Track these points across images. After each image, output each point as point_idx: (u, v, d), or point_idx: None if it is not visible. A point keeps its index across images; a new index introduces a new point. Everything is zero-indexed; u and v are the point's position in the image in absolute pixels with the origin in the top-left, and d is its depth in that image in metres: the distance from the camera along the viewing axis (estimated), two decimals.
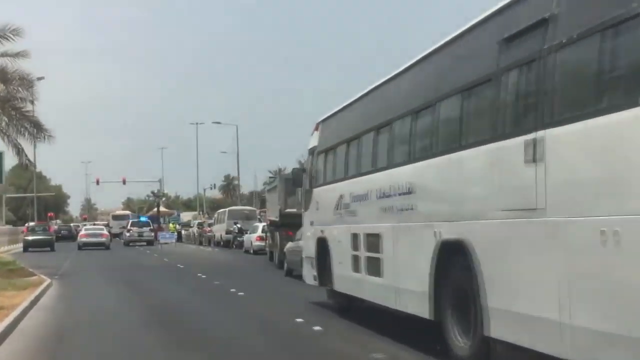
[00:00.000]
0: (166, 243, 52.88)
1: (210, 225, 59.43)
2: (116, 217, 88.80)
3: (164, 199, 65.92)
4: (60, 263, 34.37)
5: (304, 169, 17.07)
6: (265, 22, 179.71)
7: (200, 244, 58.44)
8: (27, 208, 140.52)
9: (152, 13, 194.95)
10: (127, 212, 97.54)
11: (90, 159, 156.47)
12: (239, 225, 49.91)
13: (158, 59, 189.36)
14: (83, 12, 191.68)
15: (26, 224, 64.43)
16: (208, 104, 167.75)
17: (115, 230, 75.59)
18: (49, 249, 49.37)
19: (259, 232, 40.36)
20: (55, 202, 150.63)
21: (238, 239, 49.41)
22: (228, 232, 51.52)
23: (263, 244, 38.89)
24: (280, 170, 70.29)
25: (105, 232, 55.60)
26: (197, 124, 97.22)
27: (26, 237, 50.95)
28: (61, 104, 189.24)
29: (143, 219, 68.31)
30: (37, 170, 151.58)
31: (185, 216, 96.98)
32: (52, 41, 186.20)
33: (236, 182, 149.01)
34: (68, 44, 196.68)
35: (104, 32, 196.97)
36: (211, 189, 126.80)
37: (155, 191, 65.82)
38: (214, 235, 55.10)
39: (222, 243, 52.24)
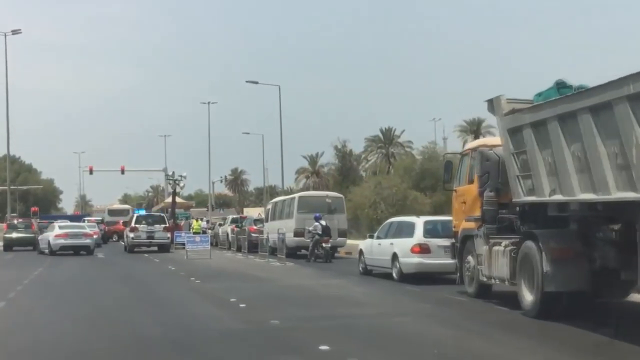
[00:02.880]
0: (184, 249, 30.66)
1: (257, 222, 36.66)
2: (113, 212, 66.15)
3: (182, 184, 42.89)
4: None
5: None
6: None
7: (251, 251, 34.32)
8: (14, 203, 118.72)
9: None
10: (127, 206, 74.78)
11: (88, 152, 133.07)
12: (323, 223, 27.45)
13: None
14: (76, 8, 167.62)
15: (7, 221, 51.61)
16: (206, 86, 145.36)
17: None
18: (32, 248, 39.58)
19: (418, 237, 17.96)
20: (45, 197, 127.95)
21: (324, 245, 26.96)
22: (299, 233, 29.04)
23: (434, 261, 16.99)
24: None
25: (88, 230, 36.88)
26: (208, 103, 74.82)
27: (6, 235, 41.40)
28: (57, 96, 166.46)
29: (140, 211, 45.63)
30: (27, 162, 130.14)
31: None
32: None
33: (245, 177, 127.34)
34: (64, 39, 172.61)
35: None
36: (221, 181, 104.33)
37: (170, 173, 42.34)
38: (268, 238, 32.20)
39: (285, 250, 29.57)
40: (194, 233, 40.08)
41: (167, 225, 37.41)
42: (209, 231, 47.59)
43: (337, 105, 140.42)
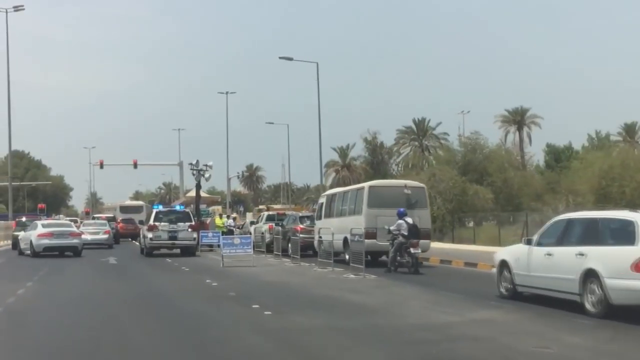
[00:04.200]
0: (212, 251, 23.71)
1: (303, 220, 29.06)
2: (125, 209, 59.11)
3: (207, 175, 35.39)
4: None
5: None
6: None
7: (296, 255, 26.24)
8: (23, 200, 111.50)
9: None
10: (140, 202, 67.39)
11: (99, 148, 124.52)
12: (410, 221, 19.93)
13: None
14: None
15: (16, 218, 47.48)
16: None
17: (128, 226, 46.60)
18: None
19: None
20: (55, 194, 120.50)
21: (412, 251, 19.42)
22: (369, 234, 21.48)
23: None
24: None
25: (74, 229, 30.88)
26: (226, 93, 67.35)
27: (15, 233, 37.47)
28: (68, 91, 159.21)
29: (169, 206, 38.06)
30: (36, 158, 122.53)
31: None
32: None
33: (260, 174, 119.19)
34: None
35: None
36: (238, 177, 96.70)
37: (194, 162, 34.69)
38: (323, 240, 24.46)
39: (348, 258, 22.01)
40: (223, 233, 32.77)
41: (193, 223, 29.92)
42: (237, 230, 40.11)
43: (366, 96, 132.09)
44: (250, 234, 35.34)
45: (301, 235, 27.67)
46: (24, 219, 42.63)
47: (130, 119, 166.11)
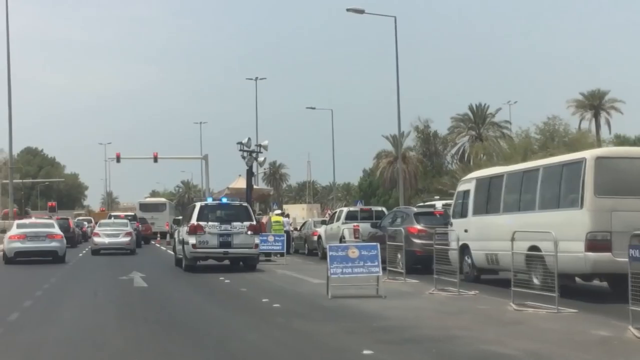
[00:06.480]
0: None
1: (420, 218, 18.62)
2: (145, 207, 49.27)
3: (261, 159, 25.13)
4: None
5: None
6: None
7: (409, 270, 16.10)
8: (37, 199, 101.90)
9: None
10: (163, 199, 57.24)
11: (115, 145, 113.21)
12: None
13: None
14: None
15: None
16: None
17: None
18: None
19: None
20: (69, 193, 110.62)
21: None
22: (600, 242, 11.28)
23: None
24: None
25: (55, 230, 23.84)
26: (256, 79, 57.02)
27: None
28: (85, 89, 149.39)
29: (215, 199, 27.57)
30: (50, 156, 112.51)
31: None
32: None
33: (284, 171, 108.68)
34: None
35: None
36: (264, 173, 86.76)
37: (245, 141, 24.28)
38: (474, 252, 14.37)
39: (538, 283, 11.84)
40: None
41: (254, 222, 19.76)
42: (294, 232, 29.92)
43: (412, 84, 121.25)
44: (321, 237, 25.28)
45: (418, 242, 17.68)
46: (33, 219, 33.22)
47: (147, 117, 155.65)
